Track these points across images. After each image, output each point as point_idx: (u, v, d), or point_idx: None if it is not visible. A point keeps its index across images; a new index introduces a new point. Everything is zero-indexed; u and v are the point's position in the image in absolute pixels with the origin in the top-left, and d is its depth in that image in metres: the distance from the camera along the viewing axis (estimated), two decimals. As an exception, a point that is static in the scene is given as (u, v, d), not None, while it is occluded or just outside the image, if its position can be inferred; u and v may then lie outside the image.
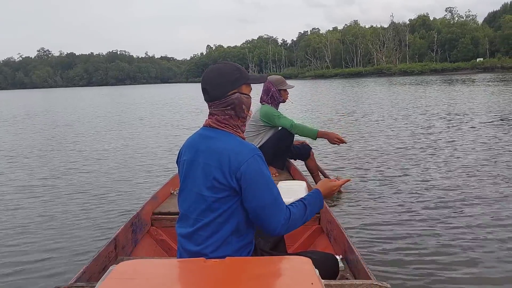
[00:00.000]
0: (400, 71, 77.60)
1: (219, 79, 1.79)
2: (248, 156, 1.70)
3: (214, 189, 1.71)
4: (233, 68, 1.82)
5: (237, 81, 1.81)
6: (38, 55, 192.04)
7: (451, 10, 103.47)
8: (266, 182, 1.71)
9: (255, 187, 1.69)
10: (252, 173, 1.69)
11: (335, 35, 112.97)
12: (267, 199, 1.70)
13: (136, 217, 2.84)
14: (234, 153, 1.70)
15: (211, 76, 1.80)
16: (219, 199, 1.71)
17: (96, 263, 2.18)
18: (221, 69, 1.81)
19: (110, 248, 2.40)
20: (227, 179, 1.69)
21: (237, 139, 1.78)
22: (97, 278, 2.03)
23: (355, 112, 15.10)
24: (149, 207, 3.13)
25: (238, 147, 1.73)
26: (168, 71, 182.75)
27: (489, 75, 50.24)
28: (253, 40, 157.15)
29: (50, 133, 11.92)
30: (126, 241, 2.64)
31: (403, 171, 5.94)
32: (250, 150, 1.73)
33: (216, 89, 1.78)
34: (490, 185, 5.09)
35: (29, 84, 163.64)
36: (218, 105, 1.80)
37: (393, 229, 3.84)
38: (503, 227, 3.80)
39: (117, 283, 1.35)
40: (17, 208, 4.81)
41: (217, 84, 1.78)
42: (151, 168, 6.75)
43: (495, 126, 9.80)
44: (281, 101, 4.58)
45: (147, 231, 3.02)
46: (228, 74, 1.80)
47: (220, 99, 1.79)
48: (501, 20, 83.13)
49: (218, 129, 1.80)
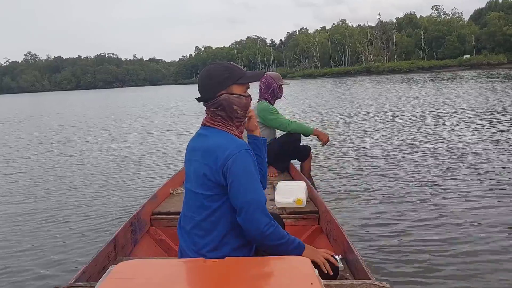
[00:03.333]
0: (388, 69, 78.21)
1: (207, 80, 1.81)
2: (235, 151, 1.70)
3: (204, 186, 1.72)
4: (222, 68, 1.82)
5: (225, 81, 1.81)
6: (25, 59, 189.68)
7: (438, 8, 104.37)
8: (251, 179, 1.71)
9: (239, 182, 1.69)
10: (237, 168, 1.69)
11: (323, 34, 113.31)
12: (250, 196, 1.69)
13: (135, 217, 2.84)
14: (222, 149, 1.71)
15: (202, 77, 1.84)
16: (210, 196, 1.73)
17: (95, 263, 2.17)
18: (211, 70, 1.83)
19: (109, 248, 2.39)
20: (215, 175, 1.70)
21: (228, 136, 1.79)
22: (96, 278, 2.02)
23: (343, 111, 15.17)
24: (148, 207, 3.13)
25: (226, 143, 1.73)
26: (156, 73, 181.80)
27: (476, 72, 50.82)
28: (241, 40, 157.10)
29: (49, 135, 11.82)
30: (125, 241, 2.63)
31: (403, 172, 5.98)
32: (237, 145, 1.73)
33: (205, 91, 1.82)
34: (488, 183, 5.16)
35: (16, 88, 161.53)
36: (209, 106, 1.82)
37: (392, 229, 3.87)
38: (504, 226, 3.85)
39: (117, 283, 1.35)
40: (17, 208, 4.80)
41: (206, 85, 1.81)
42: (151, 168, 6.75)
43: (490, 123, 9.91)
44: (279, 97, 4.57)
45: (147, 231, 3.02)
46: (217, 75, 1.80)
47: (211, 100, 1.81)
48: (486, 17, 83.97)
49: (211, 127, 1.82)
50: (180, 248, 1.86)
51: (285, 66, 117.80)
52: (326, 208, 2.95)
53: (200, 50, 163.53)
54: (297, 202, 3.20)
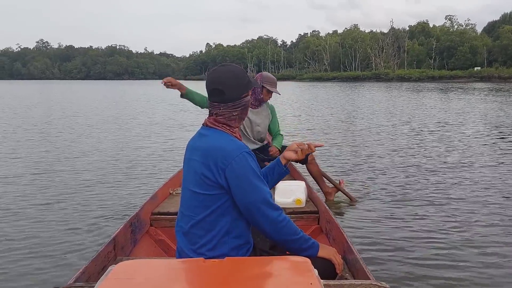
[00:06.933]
0: (397, 76, 77.72)
1: (236, 80, 1.81)
2: (236, 153, 1.72)
3: (203, 186, 1.74)
4: (244, 71, 1.88)
5: (249, 84, 1.86)
6: (37, 46, 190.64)
7: (451, 18, 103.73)
8: (253, 179, 1.72)
9: (243, 184, 1.71)
10: (239, 170, 1.70)
11: (335, 38, 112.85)
12: (255, 196, 1.72)
13: (135, 217, 2.84)
14: (222, 151, 1.72)
15: (228, 77, 1.80)
16: (210, 196, 1.74)
17: (95, 263, 2.17)
18: (235, 71, 1.83)
19: (109, 248, 2.39)
20: (216, 176, 1.71)
21: (228, 137, 1.80)
22: (96, 278, 2.03)
23: (351, 114, 15.15)
24: (148, 207, 3.13)
25: (227, 144, 1.75)
26: (166, 68, 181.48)
27: (486, 85, 50.46)
28: (252, 40, 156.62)
29: (48, 132, 11.64)
30: (125, 241, 2.63)
31: (403, 173, 6.06)
32: (238, 147, 1.74)
33: (233, 91, 1.80)
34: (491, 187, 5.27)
35: (26, 75, 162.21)
36: (230, 106, 1.82)
37: (392, 229, 3.91)
38: (504, 226, 3.93)
39: (116, 283, 1.35)
40: (16, 207, 4.70)
41: (235, 85, 1.81)
42: (151, 168, 6.72)
43: (496, 136, 9.90)
44: (260, 97, 4.23)
45: (146, 231, 3.02)
46: (242, 77, 1.84)
47: (234, 101, 1.82)
48: (500, 30, 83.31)
49: (212, 128, 1.83)
50: (178, 247, 1.86)
51: (295, 68, 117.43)
52: (325, 208, 2.97)
53: (210, 47, 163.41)
54: (296, 202, 3.23)
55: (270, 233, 1.78)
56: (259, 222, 1.76)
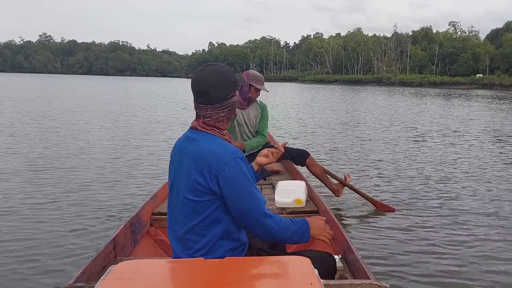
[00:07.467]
0: (399, 81, 77.86)
1: (222, 82, 1.76)
2: (229, 159, 1.69)
3: (196, 192, 1.70)
4: (230, 70, 1.82)
5: (235, 84, 1.81)
6: (40, 40, 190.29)
7: (455, 24, 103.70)
8: (246, 185, 1.70)
9: (236, 190, 1.68)
10: (232, 176, 1.67)
11: (338, 41, 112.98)
12: (249, 203, 1.70)
13: (135, 218, 2.84)
14: (215, 156, 1.68)
15: (214, 77, 1.75)
16: (202, 202, 1.71)
17: (95, 263, 2.17)
18: (222, 71, 1.77)
19: (109, 249, 2.39)
20: (208, 182, 1.68)
21: (220, 142, 1.76)
22: (96, 278, 2.03)
23: (349, 115, 15.14)
24: (148, 207, 3.13)
25: (219, 150, 1.71)
26: (168, 65, 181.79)
27: (488, 92, 50.57)
28: (255, 40, 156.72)
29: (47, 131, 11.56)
30: (125, 242, 2.63)
31: (403, 173, 6.10)
32: (231, 153, 1.71)
33: (220, 92, 1.75)
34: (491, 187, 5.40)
35: (28, 68, 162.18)
36: (217, 107, 1.77)
37: (392, 229, 3.92)
38: (504, 227, 3.98)
39: (116, 283, 1.35)
40: (16, 207, 4.66)
41: (221, 87, 1.76)
42: (151, 168, 6.71)
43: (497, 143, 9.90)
44: (248, 96, 4.15)
45: (146, 231, 3.02)
46: (229, 77, 1.78)
47: (222, 102, 1.77)
48: (503, 38, 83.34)
49: (202, 132, 1.78)
50: (173, 251, 1.85)
51: (297, 69, 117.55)
52: (325, 208, 2.98)
53: (213, 46, 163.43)
54: (296, 202, 3.23)
55: (263, 237, 1.80)
56: (252, 228, 1.76)
